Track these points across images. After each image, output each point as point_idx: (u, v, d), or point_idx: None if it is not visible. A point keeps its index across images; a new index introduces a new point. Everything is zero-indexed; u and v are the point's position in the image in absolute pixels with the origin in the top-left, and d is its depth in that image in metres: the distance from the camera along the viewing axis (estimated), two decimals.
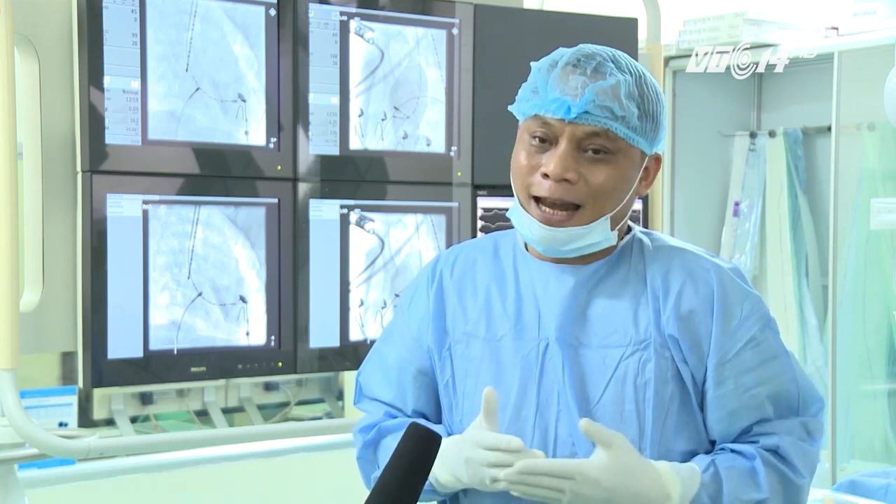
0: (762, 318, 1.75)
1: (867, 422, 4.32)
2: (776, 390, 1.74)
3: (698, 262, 1.76)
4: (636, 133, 1.70)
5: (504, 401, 1.75)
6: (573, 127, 1.67)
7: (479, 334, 1.79)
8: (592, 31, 3.20)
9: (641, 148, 1.72)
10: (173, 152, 2.72)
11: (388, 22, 3.00)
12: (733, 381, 1.72)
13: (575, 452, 1.71)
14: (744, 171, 4.81)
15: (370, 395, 1.91)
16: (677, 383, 1.72)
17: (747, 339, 1.72)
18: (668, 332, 1.72)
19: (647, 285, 1.74)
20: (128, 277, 2.66)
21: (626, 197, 1.73)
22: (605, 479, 1.62)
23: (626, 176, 1.71)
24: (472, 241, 1.95)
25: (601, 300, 1.75)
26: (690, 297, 1.72)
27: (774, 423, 1.74)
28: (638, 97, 1.70)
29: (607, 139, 1.68)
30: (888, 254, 4.23)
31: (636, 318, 1.73)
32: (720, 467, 1.70)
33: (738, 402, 1.72)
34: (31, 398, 2.86)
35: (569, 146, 1.68)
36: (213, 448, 3.03)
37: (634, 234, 1.81)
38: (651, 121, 1.72)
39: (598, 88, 1.67)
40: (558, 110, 1.67)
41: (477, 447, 1.66)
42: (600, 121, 1.67)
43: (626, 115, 1.68)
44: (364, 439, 1.87)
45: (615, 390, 1.71)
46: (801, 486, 1.74)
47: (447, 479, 1.74)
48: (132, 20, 2.65)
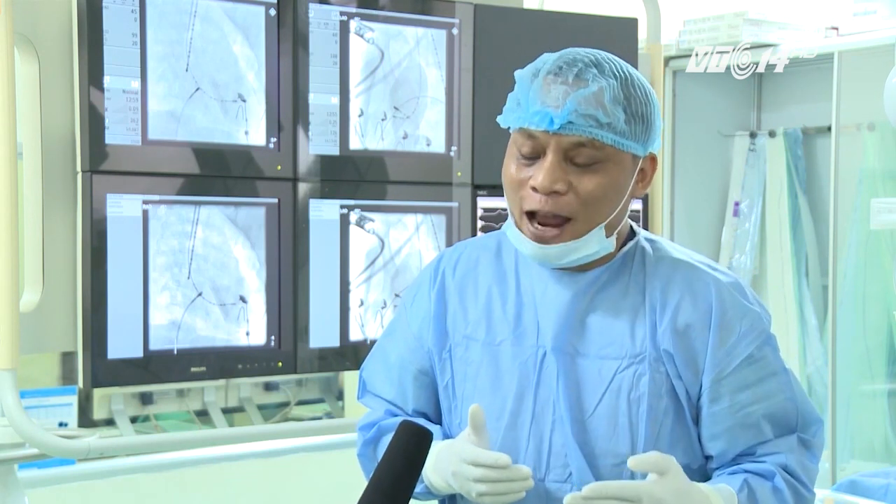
0: (761, 334, 1.72)
1: (867, 422, 4.32)
2: (773, 409, 1.72)
3: (699, 276, 1.73)
4: (625, 137, 1.66)
5: (501, 407, 1.74)
6: (558, 138, 1.64)
7: (479, 337, 1.79)
8: (592, 31, 3.21)
9: (633, 151, 1.68)
10: (173, 152, 2.72)
11: (388, 22, 3.00)
12: (729, 398, 1.70)
13: (567, 463, 1.70)
14: (744, 171, 4.81)
15: (373, 390, 1.91)
16: (671, 398, 1.70)
17: (745, 356, 1.70)
18: (663, 346, 1.70)
19: (646, 298, 1.72)
20: (128, 277, 2.66)
21: (619, 203, 1.70)
22: (670, 501, 1.60)
23: (618, 183, 1.68)
24: (475, 238, 1.93)
25: (600, 310, 1.73)
26: (688, 312, 1.70)
27: (777, 442, 1.72)
28: (624, 100, 1.65)
29: (594, 148, 1.64)
30: (888, 254, 4.23)
31: (633, 332, 1.71)
32: (754, 487, 1.68)
33: (732, 420, 1.70)
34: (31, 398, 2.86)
35: (555, 158, 1.64)
36: (213, 448, 3.03)
37: (638, 242, 1.78)
38: (641, 122, 1.68)
39: (579, 97, 1.63)
40: (541, 122, 1.64)
41: (462, 462, 1.66)
42: (585, 130, 1.63)
43: (612, 122, 1.64)
44: (365, 437, 1.87)
45: (609, 403, 1.70)
46: (811, 501, 1.74)
47: (440, 483, 1.74)
48: (132, 20, 2.65)
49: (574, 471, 1.70)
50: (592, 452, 1.69)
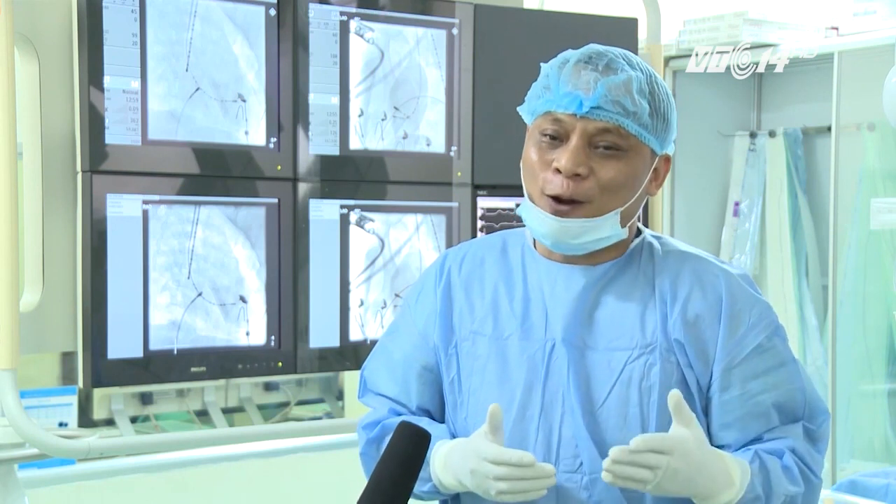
0: (770, 325, 1.74)
1: (867, 422, 4.32)
2: (782, 398, 1.74)
3: (707, 268, 1.76)
4: (647, 130, 1.69)
5: (509, 400, 1.75)
6: (585, 122, 1.67)
7: (486, 332, 1.79)
8: (592, 31, 3.20)
9: (652, 146, 1.72)
10: (173, 152, 2.72)
11: (388, 22, 3.00)
12: (739, 387, 1.71)
13: (577, 454, 1.71)
14: (744, 171, 4.81)
15: (375, 389, 1.91)
16: (682, 388, 1.71)
17: (755, 346, 1.72)
18: (674, 336, 1.71)
19: (655, 290, 1.74)
20: (128, 277, 2.66)
21: (635, 194, 1.72)
22: (696, 454, 1.62)
23: (637, 173, 1.71)
24: (480, 238, 1.94)
25: (609, 303, 1.75)
26: (698, 303, 1.72)
27: (785, 429, 1.74)
28: (649, 95, 1.70)
29: (619, 136, 1.68)
30: (888, 254, 4.23)
31: (643, 322, 1.73)
32: (764, 459, 1.70)
33: (742, 409, 1.72)
34: (31, 398, 2.86)
35: (580, 142, 1.67)
36: (213, 448, 3.03)
37: (644, 238, 1.80)
38: (662, 119, 1.71)
39: (610, 83, 1.66)
40: (570, 105, 1.67)
41: (483, 461, 1.66)
42: (612, 116, 1.66)
43: (638, 112, 1.68)
44: (368, 436, 1.87)
45: (620, 393, 1.71)
46: (817, 486, 1.75)
47: (451, 482, 1.74)
48: (132, 20, 2.65)
49: (585, 461, 1.70)
50: (603, 442, 1.70)
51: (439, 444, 1.77)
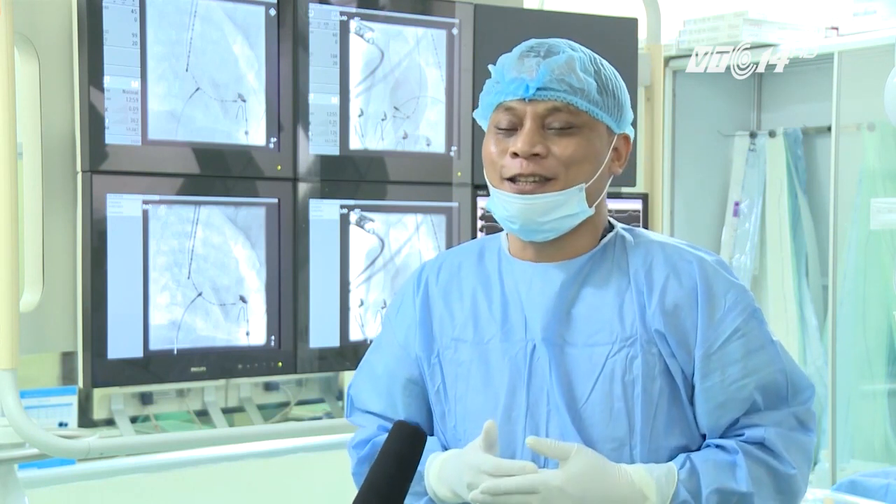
0: (747, 308, 1.74)
1: (867, 422, 4.32)
2: (764, 381, 1.73)
3: (681, 255, 1.76)
4: (598, 107, 1.72)
5: (494, 403, 1.75)
6: (534, 105, 1.70)
7: (467, 338, 1.79)
8: (592, 31, 3.21)
9: (606, 123, 1.74)
10: (173, 152, 2.72)
11: (388, 22, 3.00)
12: (720, 373, 1.71)
13: None
14: (744, 171, 4.81)
15: (361, 407, 1.91)
16: (665, 379, 1.71)
17: (732, 330, 1.72)
18: (654, 327, 1.71)
19: (631, 280, 1.74)
20: (128, 277, 2.66)
21: (598, 170, 1.73)
22: (571, 488, 1.63)
23: (595, 149, 1.73)
24: (458, 246, 1.96)
25: (585, 299, 1.75)
26: (675, 291, 1.72)
27: (763, 415, 1.73)
28: (595, 73, 1.72)
29: (570, 113, 1.70)
30: (888, 254, 4.23)
31: (621, 315, 1.73)
32: (696, 461, 1.70)
33: (725, 395, 1.71)
34: (31, 398, 2.85)
35: (533, 124, 1.70)
36: (213, 448, 3.03)
37: (617, 232, 1.81)
38: (612, 97, 1.74)
39: (552, 63, 1.70)
40: (517, 90, 1.70)
41: (481, 473, 1.66)
42: (559, 95, 1.69)
43: (585, 88, 1.70)
44: (359, 455, 1.86)
45: (603, 388, 1.71)
46: (792, 476, 1.73)
47: (445, 494, 1.75)
48: (132, 20, 2.65)
49: None
50: (591, 439, 1.70)
51: (432, 458, 1.78)
